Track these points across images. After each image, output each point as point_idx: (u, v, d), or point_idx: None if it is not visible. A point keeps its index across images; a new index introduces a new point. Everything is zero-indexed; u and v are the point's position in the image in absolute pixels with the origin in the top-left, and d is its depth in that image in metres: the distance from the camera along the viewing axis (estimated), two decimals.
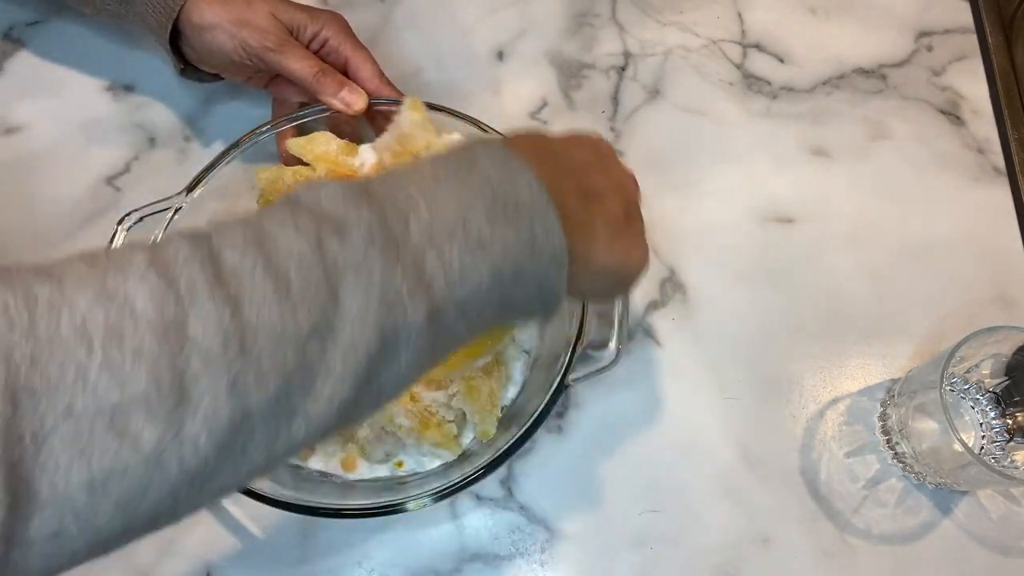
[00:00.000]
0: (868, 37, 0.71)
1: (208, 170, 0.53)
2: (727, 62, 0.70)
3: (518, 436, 0.47)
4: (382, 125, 0.58)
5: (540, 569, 0.53)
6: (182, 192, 0.53)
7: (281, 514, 0.46)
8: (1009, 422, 0.54)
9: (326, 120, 0.58)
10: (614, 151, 0.42)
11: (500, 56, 0.70)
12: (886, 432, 0.55)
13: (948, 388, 0.55)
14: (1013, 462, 0.52)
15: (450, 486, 0.47)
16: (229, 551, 0.52)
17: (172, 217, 0.52)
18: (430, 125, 0.54)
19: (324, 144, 0.55)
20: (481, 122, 0.55)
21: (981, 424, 0.55)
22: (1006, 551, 0.53)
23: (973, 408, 0.55)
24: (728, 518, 0.54)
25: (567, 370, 0.48)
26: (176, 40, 0.56)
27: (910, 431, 0.52)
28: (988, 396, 0.55)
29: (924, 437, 0.51)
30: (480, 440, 0.52)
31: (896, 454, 0.55)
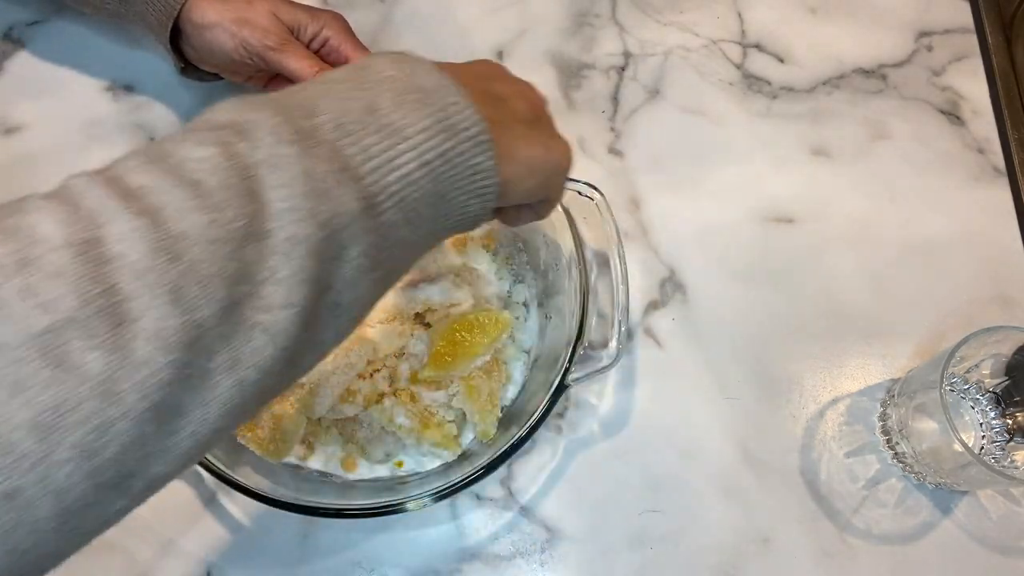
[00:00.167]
0: (868, 37, 0.71)
1: None
2: (727, 62, 0.70)
3: (518, 436, 0.47)
4: None
5: (540, 569, 0.53)
6: None
7: (281, 514, 0.46)
8: (1009, 422, 0.54)
9: None
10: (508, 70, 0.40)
11: (500, 56, 0.70)
12: (886, 432, 0.55)
13: (948, 388, 0.55)
14: (1013, 462, 0.52)
15: (450, 486, 0.47)
16: (229, 551, 0.52)
17: None
18: None
19: None
20: None
21: (981, 424, 0.55)
22: (1006, 551, 0.53)
23: (973, 408, 0.55)
24: (728, 518, 0.54)
25: (567, 370, 0.48)
26: (176, 39, 0.56)
27: (910, 431, 0.52)
28: (988, 396, 0.55)
29: (924, 437, 0.51)
30: (480, 440, 0.52)
31: (896, 454, 0.55)
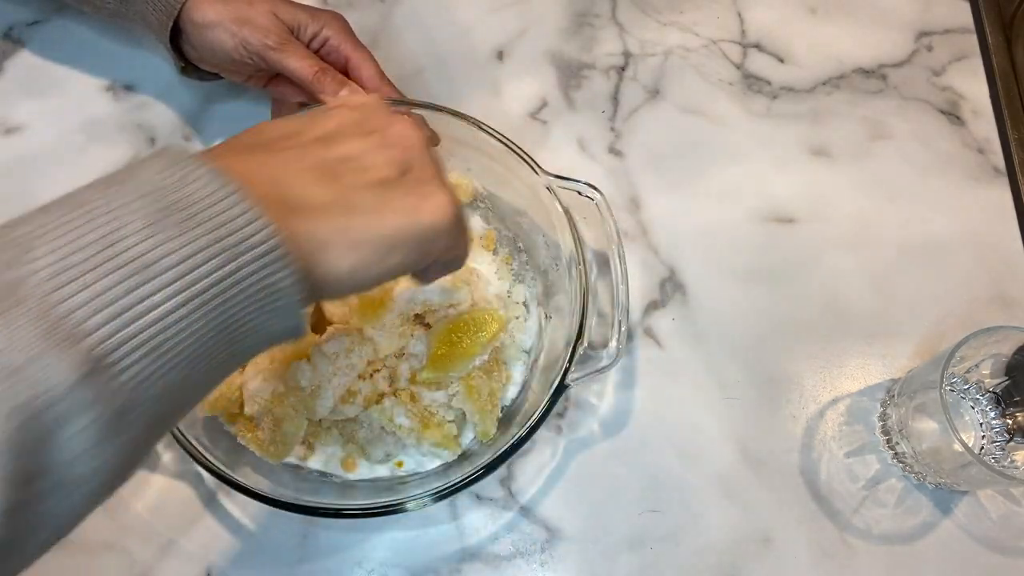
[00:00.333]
0: (868, 37, 0.71)
1: None
2: (727, 62, 0.70)
3: (518, 436, 0.47)
4: None
5: (540, 569, 0.53)
6: None
7: (281, 514, 0.46)
8: (1009, 422, 0.54)
9: None
10: (383, 107, 0.37)
11: (500, 56, 0.70)
12: (886, 432, 0.55)
13: (948, 388, 0.55)
14: (1013, 462, 0.52)
15: (450, 486, 0.47)
16: (229, 551, 0.52)
17: None
18: None
19: None
20: (481, 122, 0.55)
21: (981, 424, 0.55)
22: (1006, 551, 0.53)
23: (973, 408, 0.55)
24: (728, 518, 0.54)
25: (567, 370, 0.48)
26: (176, 38, 0.56)
27: (910, 431, 0.52)
28: (988, 396, 0.55)
29: (924, 437, 0.51)
30: (480, 440, 0.52)
31: (896, 454, 0.55)
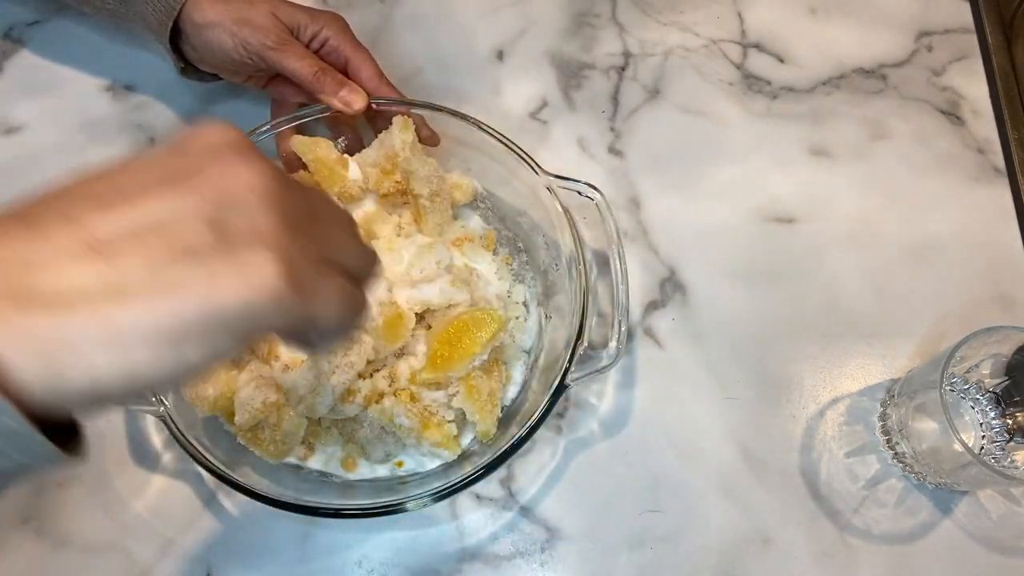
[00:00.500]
0: (868, 37, 0.71)
1: None
2: (727, 62, 0.70)
3: (518, 436, 0.47)
4: (381, 125, 0.58)
5: (540, 569, 0.53)
6: None
7: (281, 514, 0.46)
8: (1009, 422, 0.54)
9: (326, 120, 0.58)
10: (231, 137, 0.30)
11: (500, 56, 0.70)
12: (886, 432, 0.55)
13: (948, 388, 0.55)
14: (1013, 462, 0.52)
15: (450, 486, 0.47)
16: (229, 551, 0.52)
17: None
18: (417, 148, 0.55)
19: (326, 150, 0.55)
20: (481, 122, 0.55)
21: (981, 424, 0.55)
22: (1006, 551, 0.53)
23: (973, 408, 0.55)
24: (728, 518, 0.54)
25: (567, 370, 0.48)
26: (176, 39, 0.56)
27: (910, 431, 0.52)
28: (988, 396, 0.55)
29: (924, 437, 0.51)
30: (480, 440, 0.52)
31: (896, 454, 0.55)
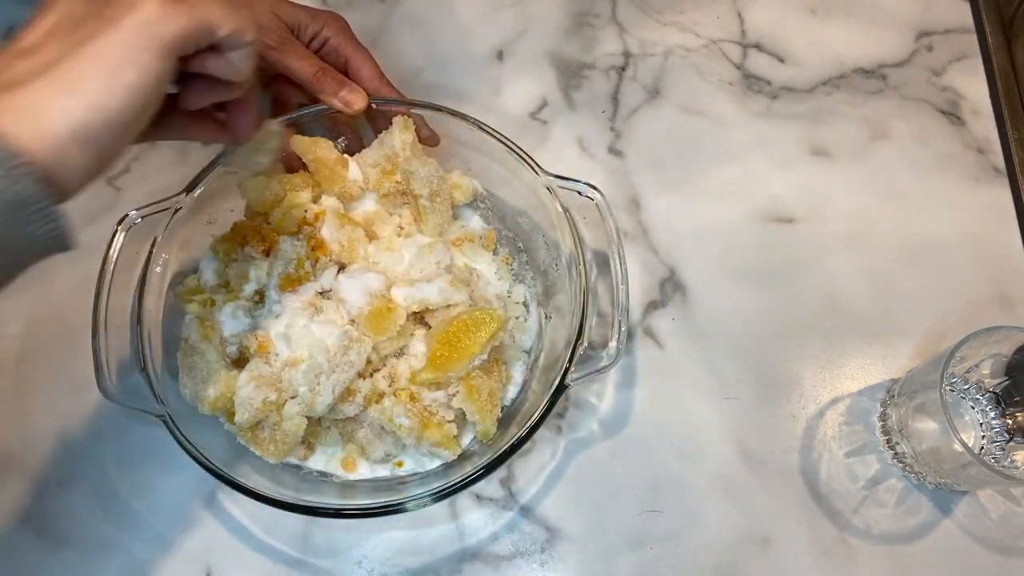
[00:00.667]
0: (868, 37, 0.71)
1: (208, 170, 0.53)
2: (727, 62, 0.70)
3: (518, 436, 0.47)
4: (382, 125, 0.58)
5: (540, 569, 0.53)
6: (182, 192, 0.53)
7: (281, 514, 0.46)
8: (1009, 422, 0.54)
9: (325, 119, 0.57)
10: None
11: (500, 56, 0.70)
12: (886, 432, 0.55)
13: (948, 388, 0.55)
14: (1013, 462, 0.52)
15: (450, 486, 0.47)
16: (229, 551, 0.52)
17: (172, 217, 0.52)
18: (417, 148, 0.55)
19: (326, 150, 0.55)
20: (481, 122, 0.55)
21: (981, 424, 0.55)
22: (1006, 551, 0.53)
23: (973, 408, 0.55)
24: (728, 518, 0.54)
25: (567, 370, 0.48)
26: None
27: (910, 431, 0.52)
28: (988, 396, 0.55)
29: (924, 437, 0.51)
30: (480, 440, 0.52)
31: (896, 454, 0.55)
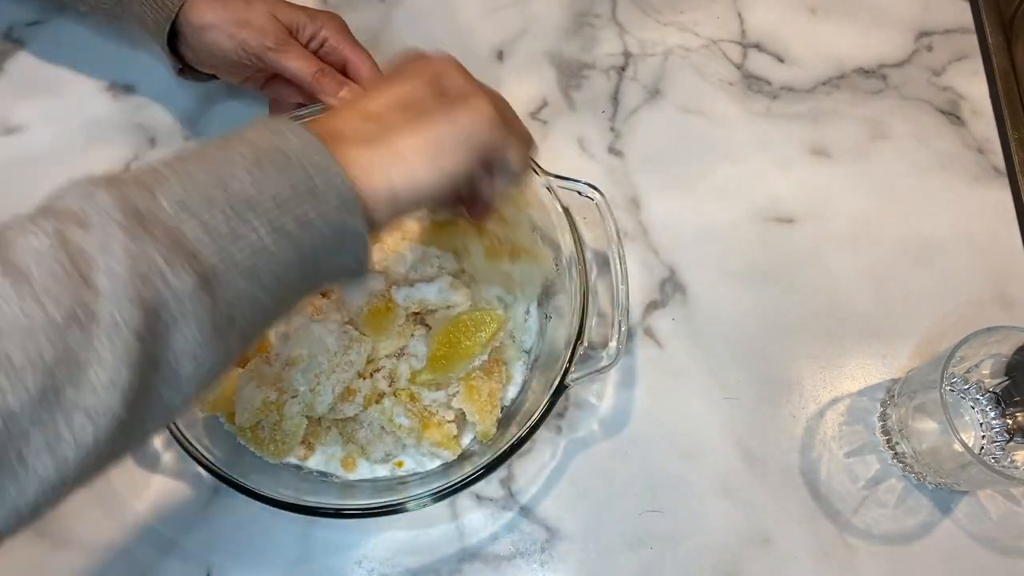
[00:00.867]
0: (868, 37, 0.71)
1: None
2: (727, 62, 0.70)
3: (518, 436, 0.47)
4: None
5: (540, 569, 0.53)
6: None
7: (281, 514, 0.46)
8: (1009, 422, 0.54)
9: None
10: (421, 52, 0.42)
11: (500, 56, 0.70)
12: (886, 432, 0.55)
13: (948, 388, 0.55)
14: (1013, 462, 0.52)
15: (450, 486, 0.47)
16: (229, 551, 0.52)
17: None
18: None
19: None
20: None
21: (981, 424, 0.55)
22: (1006, 551, 0.53)
23: (973, 408, 0.55)
24: (728, 518, 0.54)
25: (567, 370, 0.48)
26: (173, 40, 0.56)
27: (910, 431, 0.52)
28: (988, 396, 0.55)
29: (924, 437, 0.51)
30: (480, 440, 0.52)
31: (896, 454, 0.55)
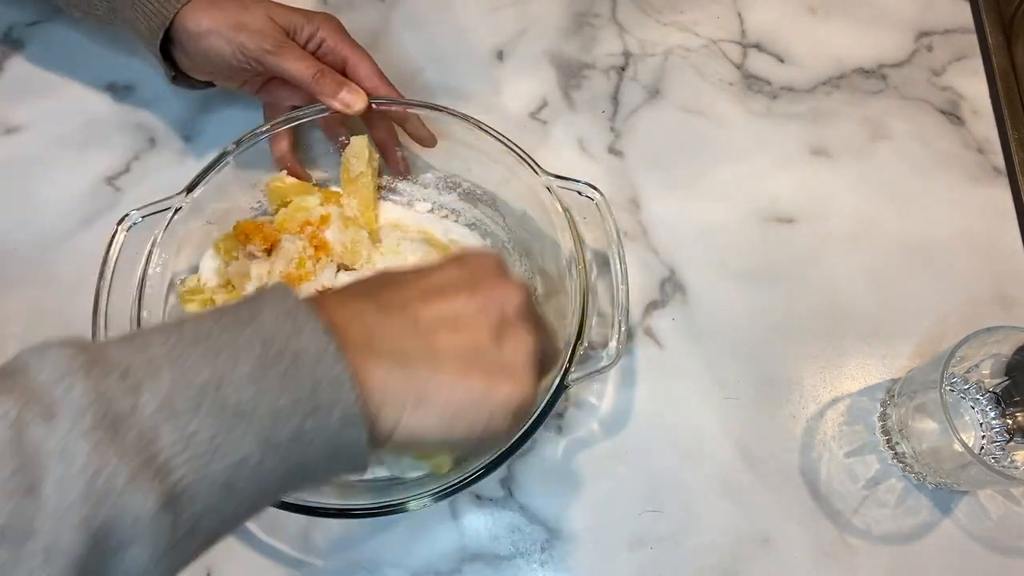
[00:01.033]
0: (868, 37, 0.71)
1: (208, 170, 0.53)
2: (727, 62, 0.70)
3: (518, 436, 0.47)
4: (378, 125, 0.58)
5: (540, 569, 0.53)
6: (182, 192, 0.53)
7: (281, 514, 0.46)
8: (1009, 422, 0.54)
9: (319, 121, 0.57)
10: (500, 263, 0.37)
11: (500, 56, 0.70)
12: (886, 432, 0.55)
13: (948, 388, 0.55)
14: (1013, 462, 0.52)
15: (450, 486, 0.47)
16: (229, 551, 0.52)
17: (172, 217, 0.52)
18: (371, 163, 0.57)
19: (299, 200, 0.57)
20: (481, 123, 0.55)
21: (981, 424, 0.55)
22: (1006, 551, 0.53)
23: (973, 408, 0.55)
24: (728, 518, 0.54)
25: (567, 370, 0.48)
26: (167, 47, 0.55)
27: (910, 431, 0.52)
28: (988, 396, 0.55)
29: (924, 437, 0.51)
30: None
31: (896, 454, 0.55)
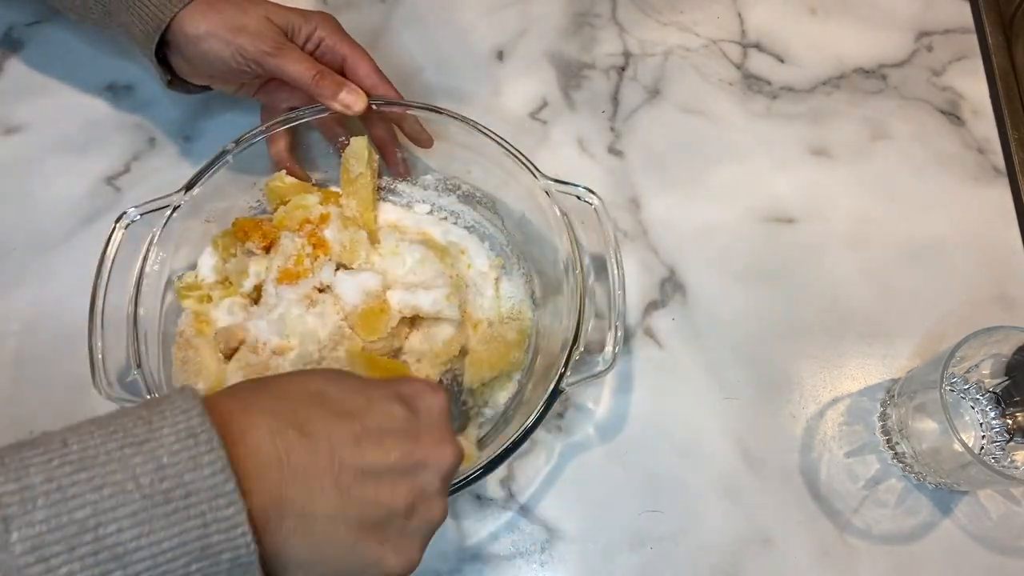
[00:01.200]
0: (868, 37, 0.71)
1: (207, 169, 0.53)
2: (727, 62, 0.70)
3: (518, 436, 0.47)
4: (377, 125, 0.58)
5: (540, 569, 0.53)
6: (181, 190, 0.53)
7: None
8: (1009, 422, 0.54)
9: (317, 121, 0.57)
10: (447, 411, 0.36)
11: (500, 56, 0.70)
12: (886, 432, 0.55)
13: (948, 388, 0.55)
14: (1013, 462, 0.52)
15: (450, 486, 0.46)
16: None
17: (170, 215, 0.52)
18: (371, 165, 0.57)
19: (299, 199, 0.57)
20: (480, 125, 0.55)
21: (981, 424, 0.55)
22: (1006, 551, 0.53)
23: (973, 408, 0.55)
24: (728, 518, 0.54)
25: (562, 375, 0.48)
26: (163, 51, 0.54)
27: (910, 431, 0.52)
28: (988, 396, 0.55)
29: (924, 437, 0.51)
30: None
31: (896, 454, 0.54)
